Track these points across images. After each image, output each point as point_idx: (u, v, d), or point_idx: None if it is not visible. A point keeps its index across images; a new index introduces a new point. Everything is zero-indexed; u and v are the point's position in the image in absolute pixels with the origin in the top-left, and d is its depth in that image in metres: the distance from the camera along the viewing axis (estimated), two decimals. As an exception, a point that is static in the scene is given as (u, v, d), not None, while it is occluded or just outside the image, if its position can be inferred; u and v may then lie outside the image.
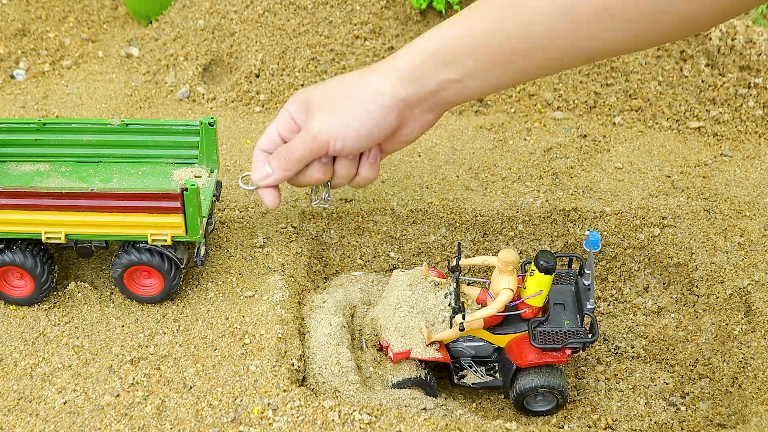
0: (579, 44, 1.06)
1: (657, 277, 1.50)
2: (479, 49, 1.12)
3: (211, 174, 1.35)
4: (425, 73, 1.16)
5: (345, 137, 1.20)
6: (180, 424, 1.14)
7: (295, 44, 1.78)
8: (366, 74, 1.21)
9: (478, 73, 1.14)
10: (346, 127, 1.20)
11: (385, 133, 1.21)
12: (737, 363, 1.32)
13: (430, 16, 1.85)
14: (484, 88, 1.17)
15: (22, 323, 1.28)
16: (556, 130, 1.69)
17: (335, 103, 1.21)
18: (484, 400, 1.37)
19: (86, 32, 1.94)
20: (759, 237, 1.47)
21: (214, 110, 1.74)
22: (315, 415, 1.15)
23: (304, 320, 1.31)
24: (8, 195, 1.20)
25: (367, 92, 1.19)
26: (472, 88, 1.16)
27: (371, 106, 1.19)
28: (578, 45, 1.06)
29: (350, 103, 1.20)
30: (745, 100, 1.70)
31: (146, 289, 1.29)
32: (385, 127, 1.20)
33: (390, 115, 1.19)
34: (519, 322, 1.29)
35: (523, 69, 1.13)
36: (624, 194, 1.53)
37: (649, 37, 1.04)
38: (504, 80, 1.15)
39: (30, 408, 1.17)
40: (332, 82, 1.24)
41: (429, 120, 1.23)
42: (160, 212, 1.21)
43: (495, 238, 1.51)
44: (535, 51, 1.09)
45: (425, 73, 1.16)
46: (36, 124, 1.33)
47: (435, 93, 1.18)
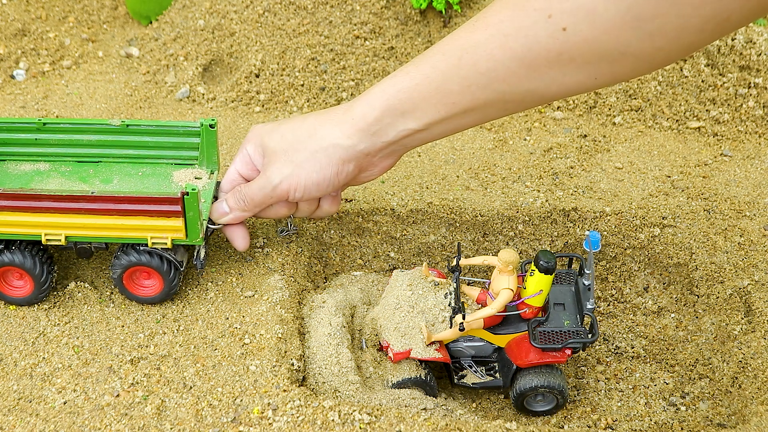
0: (539, 87, 1.06)
1: (657, 277, 1.50)
2: (438, 97, 1.12)
3: (212, 175, 1.35)
4: (384, 125, 1.17)
5: (305, 188, 1.22)
6: (180, 424, 1.15)
7: (295, 44, 1.78)
8: (323, 123, 1.21)
9: (439, 122, 1.14)
10: (305, 179, 1.22)
11: (344, 181, 1.23)
12: (737, 363, 1.32)
13: (430, 16, 1.85)
14: (444, 134, 1.18)
15: (22, 323, 1.28)
16: (556, 130, 1.69)
17: (293, 153, 1.22)
18: (484, 400, 1.37)
19: (86, 32, 1.94)
20: (759, 237, 1.47)
21: (214, 110, 1.74)
22: (315, 415, 1.15)
23: (304, 320, 1.31)
24: (8, 197, 1.20)
25: (325, 144, 1.20)
26: (433, 134, 1.17)
27: (329, 158, 1.20)
28: (538, 88, 1.06)
29: (308, 154, 1.21)
30: (745, 100, 1.70)
31: (146, 290, 1.29)
32: (343, 177, 1.22)
33: (347, 166, 1.21)
34: (519, 322, 1.29)
35: (484, 113, 1.13)
36: (624, 194, 1.54)
37: (608, 78, 1.03)
38: (466, 123, 1.15)
39: (30, 408, 1.17)
40: (288, 127, 1.24)
41: (388, 164, 1.25)
42: (161, 216, 1.21)
43: (495, 238, 1.51)
44: (495, 96, 1.09)
45: (384, 126, 1.17)
46: (36, 123, 1.33)
47: (395, 142, 1.19)
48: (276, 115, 1.73)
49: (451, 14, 1.84)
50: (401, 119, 1.15)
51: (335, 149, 1.20)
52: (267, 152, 1.25)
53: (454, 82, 1.10)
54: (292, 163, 1.22)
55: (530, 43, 1.02)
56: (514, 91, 1.07)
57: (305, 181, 1.22)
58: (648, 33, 0.96)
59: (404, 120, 1.15)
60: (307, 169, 1.21)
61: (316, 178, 1.21)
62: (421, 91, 1.13)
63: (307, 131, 1.22)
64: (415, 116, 1.15)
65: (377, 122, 1.17)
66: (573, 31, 0.99)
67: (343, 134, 1.19)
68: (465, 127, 1.16)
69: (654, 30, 0.96)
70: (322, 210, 1.32)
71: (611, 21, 0.96)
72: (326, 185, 1.22)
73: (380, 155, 1.22)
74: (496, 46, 1.05)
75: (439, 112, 1.13)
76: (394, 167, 1.56)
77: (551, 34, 1.00)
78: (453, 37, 1.11)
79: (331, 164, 1.20)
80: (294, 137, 1.23)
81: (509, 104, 1.11)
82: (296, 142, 1.22)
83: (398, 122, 1.16)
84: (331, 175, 1.21)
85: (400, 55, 1.81)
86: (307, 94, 1.76)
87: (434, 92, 1.12)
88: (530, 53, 1.03)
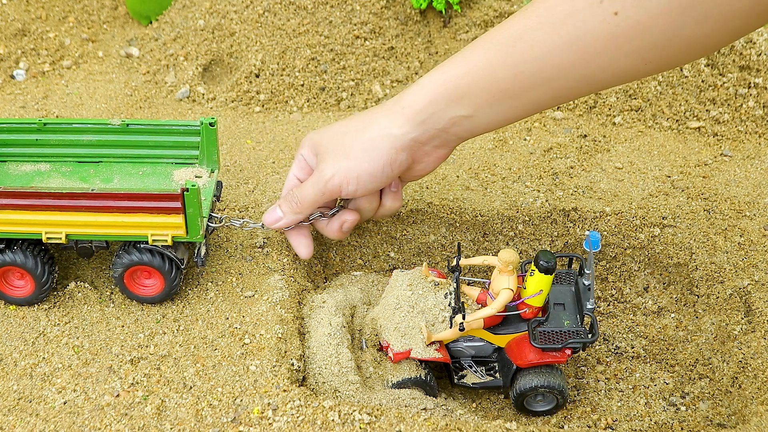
0: (590, 74, 1.06)
1: (657, 277, 1.50)
2: (489, 84, 1.11)
3: (212, 174, 1.35)
4: (434, 113, 1.17)
5: (358, 180, 1.21)
6: (180, 424, 1.14)
7: (295, 44, 1.78)
8: (374, 116, 1.21)
9: (489, 108, 1.14)
10: (358, 170, 1.21)
11: (398, 171, 1.22)
12: (737, 363, 1.32)
13: (430, 16, 1.85)
14: (495, 123, 1.17)
15: (22, 323, 1.28)
16: (556, 130, 1.69)
17: (345, 147, 1.22)
18: (484, 400, 1.37)
19: (86, 32, 1.94)
20: (759, 237, 1.47)
21: (214, 110, 1.74)
22: (315, 415, 1.15)
23: (304, 320, 1.31)
24: (9, 195, 1.20)
25: (375, 135, 1.20)
26: (483, 122, 1.16)
27: (382, 148, 1.20)
28: (589, 75, 1.06)
29: (360, 146, 1.20)
30: (745, 100, 1.71)
31: (147, 289, 1.29)
32: (397, 167, 1.21)
33: (400, 155, 1.20)
34: (519, 322, 1.29)
35: (534, 101, 1.12)
36: (624, 194, 1.54)
37: (659, 63, 1.03)
38: (515, 113, 1.15)
39: (30, 408, 1.17)
40: (340, 125, 1.25)
41: (441, 155, 1.24)
42: (161, 213, 1.21)
43: (495, 238, 1.51)
44: (546, 83, 1.09)
45: (434, 112, 1.17)
46: (36, 124, 1.33)
47: (445, 130, 1.18)
48: (276, 115, 1.73)
49: (451, 14, 1.84)
50: (450, 107, 1.15)
51: (386, 138, 1.19)
52: (319, 151, 1.25)
53: (503, 70, 1.10)
54: (343, 157, 1.21)
55: (581, 28, 1.02)
56: (564, 78, 1.07)
57: (358, 172, 1.21)
58: (694, 18, 0.96)
59: (453, 108, 1.15)
60: (359, 160, 1.20)
61: (368, 168, 1.20)
62: (470, 79, 1.12)
63: (357, 125, 1.22)
64: (464, 104, 1.14)
65: (426, 110, 1.16)
66: (624, 15, 0.98)
67: (394, 124, 1.19)
68: (515, 116, 1.16)
69: (700, 15, 0.96)
70: (384, 207, 1.31)
71: (660, 6, 0.96)
72: (380, 175, 1.21)
73: (432, 144, 1.21)
74: (546, 32, 1.04)
75: (488, 100, 1.13)
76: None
77: (603, 20, 1.00)
78: (503, 26, 1.10)
79: (383, 154, 1.20)
80: (345, 132, 1.23)
81: (559, 92, 1.10)
82: (347, 137, 1.22)
83: (447, 110, 1.16)
84: (384, 165, 1.20)
85: (400, 55, 1.81)
86: (307, 94, 1.76)
87: (484, 80, 1.12)
88: (581, 39, 1.02)
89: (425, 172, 1.27)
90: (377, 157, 1.20)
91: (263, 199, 1.49)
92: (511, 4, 1.82)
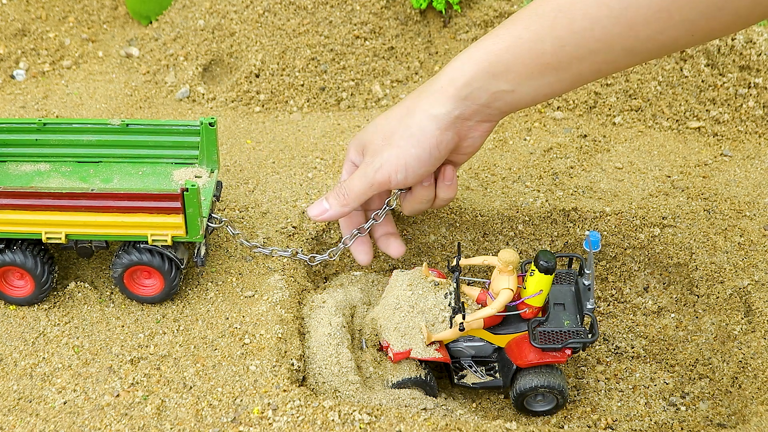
0: (635, 46, 1.05)
1: (657, 277, 1.50)
2: (532, 57, 1.10)
3: (212, 174, 1.35)
4: (476, 88, 1.15)
5: (407, 168, 1.20)
6: (180, 424, 1.14)
7: (295, 44, 1.78)
8: (415, 100, 1.20)
9: (531, 82, 1.12)
10: (405, 156, 1.19)
11: (445, 152, 1.21)
12: (737, 363, 1.32)
13: (430, 16, 1.85)
14: (538, 97, 1.15)
15: (22, 323, 1.28)
16: (556, 130, 1.69)
17: (389, 136, 1.20)
18: (484, 400, 1.37)
19: (86, 32, 1.94)
20: (759, 237, 1.47)
21: (214, 110, 1.74)
22: (315, 415, 1.15)
23: (304, 320, 1.31)
24: (8, 195, 1.20)
25: (421, 117, 1.18)
26: (525, 96, 1.15)
27: (427, 130, 1.18)
28: (634, 46, 1.05)
29: (405, 132, 1.19)
30: (745, 100, 1.71)
31: (146, 289, 1.29)
32: (444, 148, 1.20)
33: (446, 134, 1.19)
34: (519, 322, 1.29)
35: (577, 74, 1.11)
36: (624, 194, 1.54)
37: (704, 34, 1.02)
38: (558, 87, 1.13)
39: (30, 408, 1.17)
40: (381, 117, 1.24)
41: (486, 129, 1.22)
42: (161, 212, 1.21)
43: (495, 238, 1.51)
44: (590, 56, 1.07)
45: (476, 88, 1.15)
46: (36, 124, 1.33)
47: (488, 105, 1.17)
48: (276, 115, 1.73)
49: (451, 14, 1.84)
50: (493, 82, 1.14)
51: (430, 120, 1.17)
52: (365, 147, 1.24)
53: (547, 43, 1.08)
54: (389, 146, 1.20)
55: (628, 0, 1.01)
56: (609, 50, 1.06)
57: (405, 158, 1.19)
58: None
59: (496, 82, 1.14)
60: (405, 145, 1.19)
61: (415, 153, 1.19)
62: (513, 53, 1.11)
63: (398, 113, 1.21)
64: (507, 78, 1.13)
65: (468, 86, 1.15)
66: None
67: (437, 103, 1.17)
68: (557, 91, 1.14)
69: None
70: (439, 199, 1.30)
71: None
72: (428, 158, 1.20)
73: (476, 119, 1.19)
74: (592, 4, 1.03)
75: (531, 74, 1.11)
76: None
77: None
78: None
79: (428, 136, 1.18)
80: (388, 122, 1.22)
81: (602, 65, 1.09)
82: (391, 126, 1.21)
83: (490, 85, 1.14)
84: (431, 147, 1.19)
85: (400, 55, 1.81)
86: (307, 94, 1.76)
87: (526, 53, 1.10)
88: (628, 11, 1.01)
89: (473, 148, 1.25)
90: (423, 141, 1.18)
91: (263, 199, 1.49)
92: (511, 4, 1.82)
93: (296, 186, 1.52)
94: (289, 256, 1.35)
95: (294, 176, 1.55)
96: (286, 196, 1.50)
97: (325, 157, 1.60)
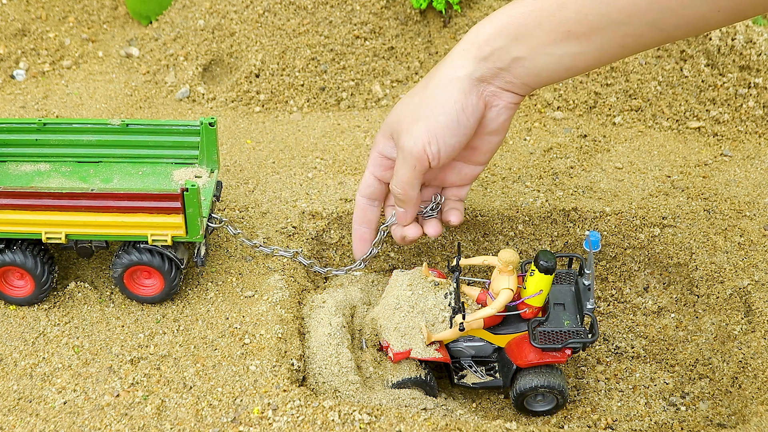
0: (660, 20, 1.03)
1: (657, 277, 1.50)
2: (553, 23, 1.09)
3: (212, 174, 1.35)
4: (496, 48, 1.14)
5: (437, 138, 1.18)
6: (180, 424, 1.14)
7: (295, 44, 1.78)
8: (437, 68, 1.19)
9: (552, 49, 1.11)
10: (435, 127, 1.18)
11: (473, 120, 1.19)
12: (737, 363, 1.32)
13: (430, 16, 1.85)
14: (559, 69, 1.14)
15: (22, 323, 1.28)
16: (556, 130, 1.69)
17: (415, 111, 1.19)
18: (484, 400, 1.37)
19: (86, 32, 1.94)
20: (759, 237, 1.47)
21: (214, 110, 1.74)
22: (315, 415, 1.15)
23: (304, 320, 1.31)
24: (8, 195, 1.20)
25: (444, 82, 1.17)
26: (547, 65, 1.13)
27: (450, 95, 1.16)
28: (659, 20, 1.04)
29: (431, 101, 1.17)
30: (745, 100, 1.71)
31: (146, 289, 1.29)
32: (471, 112, 1.18)
33: (470, 98, 1.17)
34: (519, 322, 1.29)
35: (599, 47, 1.10)
36: (624, 194, 1.54)
37: (730, 11, 1.01)
38: (581, 60, 1.12)
39: (30, 408, 1.17)
40: (407, 96, 1.23)
41: (509, 101, 1.20)
42: (161, 212, 1.21)
43: (495, 238, 1.51)
44: (613, 26, 1.06)
45: (497, 48, 1.14)
46: (36, 124, 1.33)
47: (508, 70, 1.15)
48: (276, 115, 1.73)
49: (451, 14, 1.84)
50: (514, 44, 1.13)
51: (452, 83, 1.16)
52: (394, 130, 1.22)
53: (570, 9, 1.07)
54: (416, 120, 1.19)
55: None
56: (633, 23, 1.05)
57: (435, 129, 1.18)
58: None
59: (517, 45, 1.13)
60: (431, 114, 1.17)
61: (444, 121, 1.17)
62: (535, 17, 1.10)
63: (421, 84, 1.20)
64: (528, 42, 1.12)
65: (488, 45, 1.14)
66: None
67: (457, 65, 1.16)
68: (581, 63, 1.13)
69: None
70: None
71: None
72: (456, 126, 1.18)
73: (497, 84, 1.18)
74: None
75: (554, 40, 1.10)
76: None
77: None
78: None
79: (453, 100, 1.16)
80: (411, 99, 1.21)
81: (626, 38, 1.08)
82: (414, 101, 1.20)
83: (511, 47, 1.13)
84: (457, 112, 1.17)
85: (400, 55, 1.81)
86: (307, 94, 1.76)
87: (549, 18, 1.09)
88: None
89: (498, 125, 1.22)
90: (448, 106, 1.17)
91: (263, 199, 1.49)
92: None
93: (296, 186, 1.52)
94: (290, 256, 1.36)
95: (294, 176, 1.55)
96: (286, 196, 1.50)
97: (325, 157, 1.60)
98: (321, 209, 1.47)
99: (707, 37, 1.74)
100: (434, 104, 1.18)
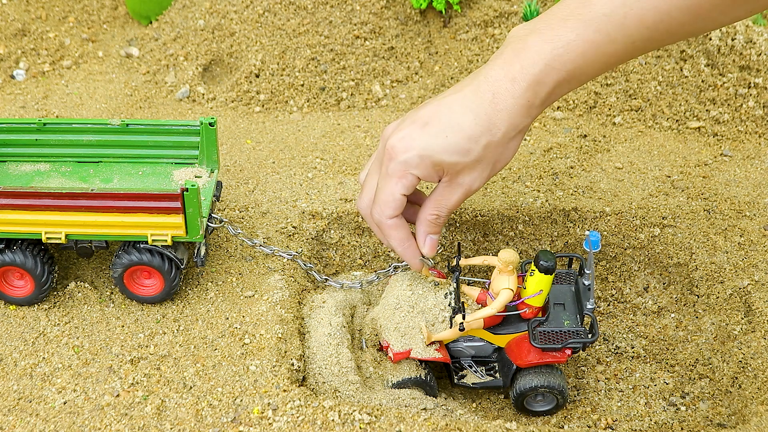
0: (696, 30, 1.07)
1: (657, 277, 1.50)
2: (603, 60, 1.12)
3: (212, 174, 1.35)
4: (554, 96, 1.16)
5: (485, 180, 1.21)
6: (180, 424, 1.15)
7: (295, 44, 1.78)
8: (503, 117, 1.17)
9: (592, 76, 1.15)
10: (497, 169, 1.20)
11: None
12: (737, 363, 1.32)
13: (430, 16, 1.85)
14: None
15: (22, 323, 1.28)
16: (556, 130, 1.69)
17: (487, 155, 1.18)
18: (484, 400, 1.37)
19: (86, 32, 1.94)
20: (759, 237, 1.47)
21: (214, 110, 1.74)
22: (315, 415, 1.15)
23: (304, 320, 1.31)
24: (8, 195, 1.20)
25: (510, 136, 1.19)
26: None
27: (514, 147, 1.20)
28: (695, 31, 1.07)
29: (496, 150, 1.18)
30: (745, 100, 1.71)
31: (146, 289, 1.29)
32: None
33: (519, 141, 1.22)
34: (519, 322, 1.29)
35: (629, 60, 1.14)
36: (624, 194, 1.54)
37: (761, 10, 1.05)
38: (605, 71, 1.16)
39: (30, 408, 1.17)
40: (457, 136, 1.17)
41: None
42: (161, 212, 1.21)
43: (495, 238, 1.51)
44: (654, 45, 1.10)
45: (553, 96, 1.16)
46: (36, 124, 1.33)
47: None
48: (276, 115, 1.73)
49: (451, 14, 1.84)
50: (566, 86, 1.15)
51: (519, 137, 1.19)
52: (452, 168, 1.18)
53: (619, 43, 1.09)
54: (488, 166, 1.19)
55: None
56: (672, 38, 1.08)
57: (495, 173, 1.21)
58: None
59: (568, 86, 1.15)
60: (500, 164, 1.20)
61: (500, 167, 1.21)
62: (587, 59, 1.11)
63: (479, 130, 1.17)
64: (579, 81, 1.14)
65: (549, 98, 1.15)
66: None
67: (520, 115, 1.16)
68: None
69: None
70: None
71: None
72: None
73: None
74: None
75: (599, 72, 1.13)
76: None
77: None
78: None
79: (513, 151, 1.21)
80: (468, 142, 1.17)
81: (656, 47, 1.12)
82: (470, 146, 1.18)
83: (562, 90, 1.15)
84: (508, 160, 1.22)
85: (400, 55, 1.81)
86: (307, 94, 1.76)
87: (601, 56, 1.11)
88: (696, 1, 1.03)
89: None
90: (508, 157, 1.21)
91: (263, 199, 1.49)
92: (511, 4, 1.82)
93: (296, 186, 1.52)
94: (290, 259, 1.36)
95: (294, 176, 1.55)
96: (286, 196, 1.50)
97: (325, 157, 1.60)
98: (321, 209, 1.47)
99: (707, 37, 1.74)
100: (500, 156, 1.19)
